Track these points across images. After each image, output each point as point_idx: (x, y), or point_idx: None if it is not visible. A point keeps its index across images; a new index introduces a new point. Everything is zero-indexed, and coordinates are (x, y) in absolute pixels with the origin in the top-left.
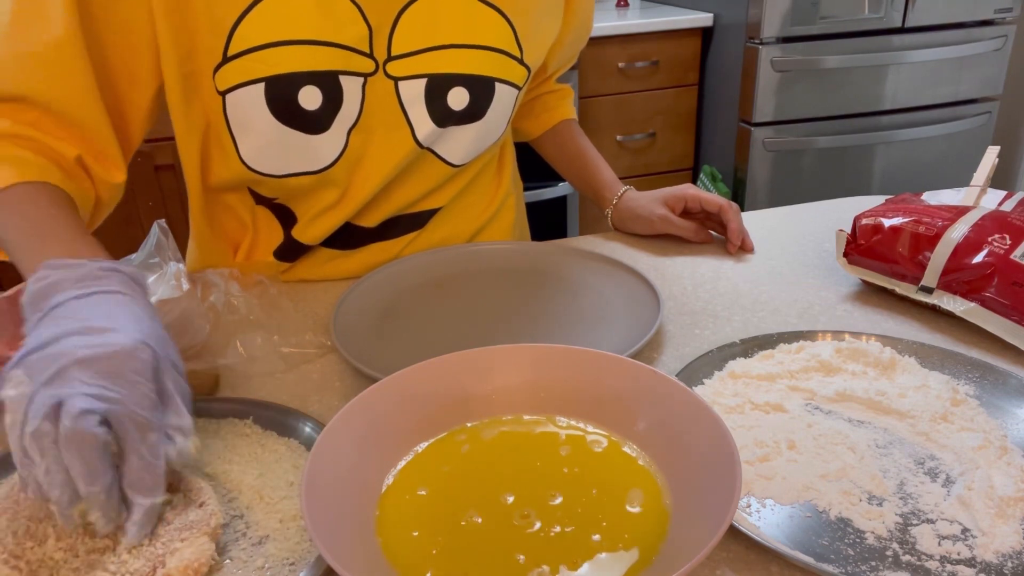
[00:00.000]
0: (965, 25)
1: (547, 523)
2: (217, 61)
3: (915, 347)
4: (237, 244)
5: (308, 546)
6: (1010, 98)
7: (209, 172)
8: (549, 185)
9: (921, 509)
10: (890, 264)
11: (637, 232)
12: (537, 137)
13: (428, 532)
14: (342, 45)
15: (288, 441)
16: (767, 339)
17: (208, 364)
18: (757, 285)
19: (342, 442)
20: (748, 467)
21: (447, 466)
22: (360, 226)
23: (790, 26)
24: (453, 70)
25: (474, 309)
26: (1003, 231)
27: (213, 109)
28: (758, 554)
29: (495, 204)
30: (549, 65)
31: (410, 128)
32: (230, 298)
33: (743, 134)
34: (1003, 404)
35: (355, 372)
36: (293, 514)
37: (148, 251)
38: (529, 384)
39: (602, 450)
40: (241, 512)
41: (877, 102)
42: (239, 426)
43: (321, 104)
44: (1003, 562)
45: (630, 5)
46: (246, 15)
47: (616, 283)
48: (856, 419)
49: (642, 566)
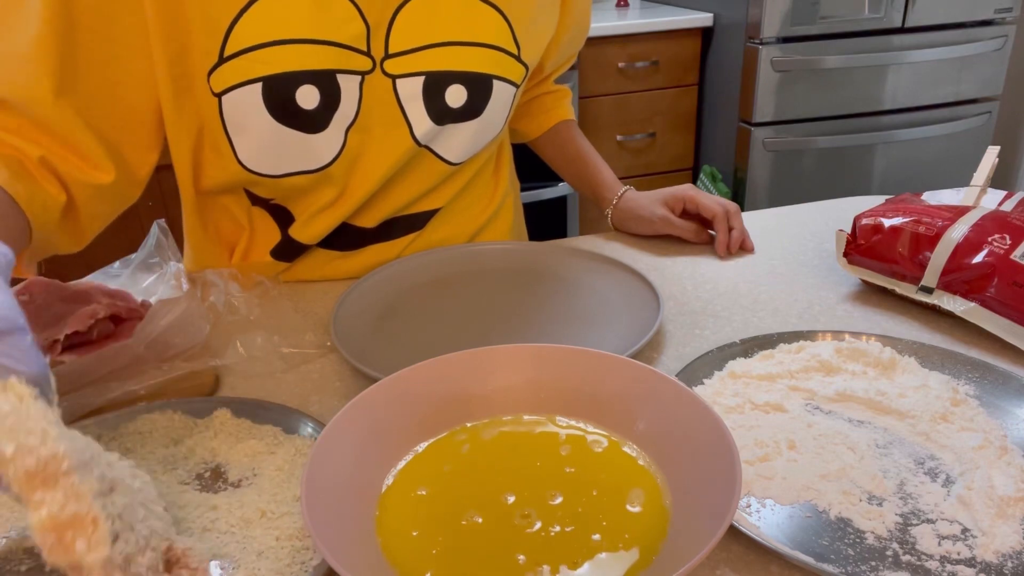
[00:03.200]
0: (965, 25)
1: (547, 523)
2: (212, 62)
3: (915, 347)
4: (233, 245)
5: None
6: (1010, 98)
7: (202, 176)
8: (549, 185)
9: (921, 509)
10: (890, 264)
11: (637, 232)
12: (536, 138)
13: (428, 532)
14: (339, 44)
15: (288, 441)
16: (767, 339)
17: (208, 364)
18: (757, 285)
19: (342, 442)
20: (748, 467)
21: (447, 466)
22: (359, 227)
23: (790, 26)
24: (451, 67)
25: (474, 309)
26: (1003, 231)
27: (208, 111)
28: (758, 554)
29: (493, 205)
30: (546, 65)
31: (408, 126)
32: (230, 298)
33: (743, 134)
34: (1003, 404)
35: (355, 372)
36: (290, 533)
37: (148, 251)
38: (529, 384)
39: (602, 450)
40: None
41: (877, 102)
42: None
43: (319, 103)
44: (1003, 562)
45: (630, 5)
46: (242, 15)
47: (616, 283)
48: (856, 419)
49: (642, 566)
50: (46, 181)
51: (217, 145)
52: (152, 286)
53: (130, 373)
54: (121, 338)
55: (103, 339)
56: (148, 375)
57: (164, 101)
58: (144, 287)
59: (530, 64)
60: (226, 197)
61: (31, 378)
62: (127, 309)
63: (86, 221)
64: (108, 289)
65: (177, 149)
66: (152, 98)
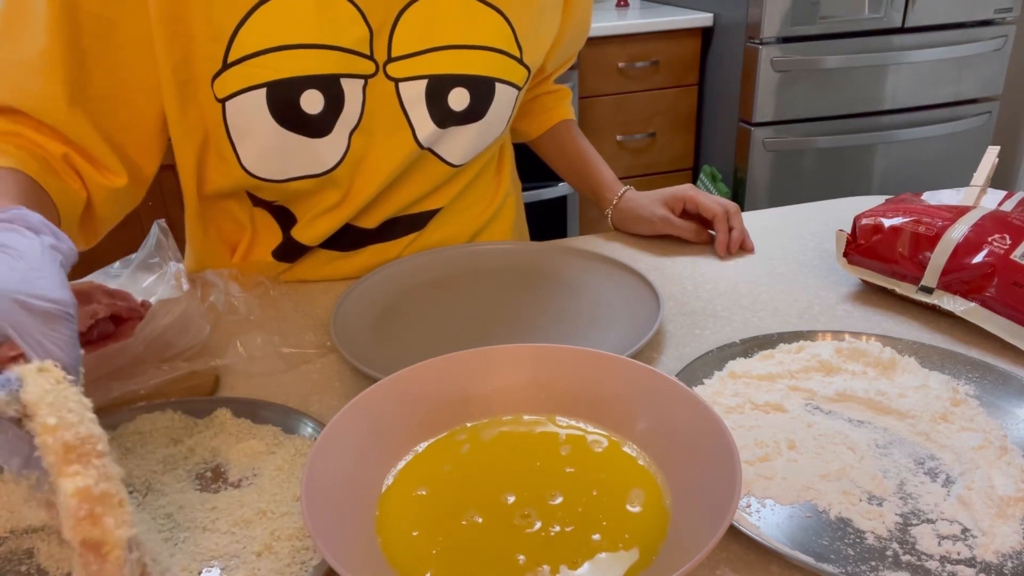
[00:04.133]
0: (965, 25)
1: (547, 523)
2: (216, 68)
3: (915, 347)
4: (234, 246)
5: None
6: (1010, 98)
7: (205, 181)
8: (549, 185)
9: (921, 509)
10: (890, 264)
11: (637, 232)
12: (536, 138)
13: (428, 532)
14: (343, 48)
15: (288, 441)
16: (767, 339)
17: (208, 364)
18: (757, 285)
19: (342, 442)
20: (748, 467)
21: (447, 466)
22: (360, 227)
23: (790, 26)
24: (453, 71)
25: (474, 309)
26: (1003, 231)
27: (211, 117)
28: (758, 554)
29: (494, 205)
30: (547, 65)
31: (411, 129)
32: (230, 298)
33: (743, 134)
34: (1003, 404)
35: (355, 372)
36: (289, 533)
37: (148, 251)
38: (529, 384)
39: (602, 450)
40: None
41: (877, 102)
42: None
43: (323, 107)
44: (1003, 562)
45: (630, 5)
46: (246, 21)
47: (616, 283)
48: (856, 419)
49: (642, 566)
50: (69, 178)
51: (221, 150)
52: (152, 286)
53: (130, 373)
54: (121, 338)
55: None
56: (148, 375)
57: (168, 107)
58: (144, 287)
59: (532, 66)
60: (228, 199)
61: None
62: (127, 309)
63: (100, 221)
64: (108, 289)
65: (181, 154)
66: (156, 103)
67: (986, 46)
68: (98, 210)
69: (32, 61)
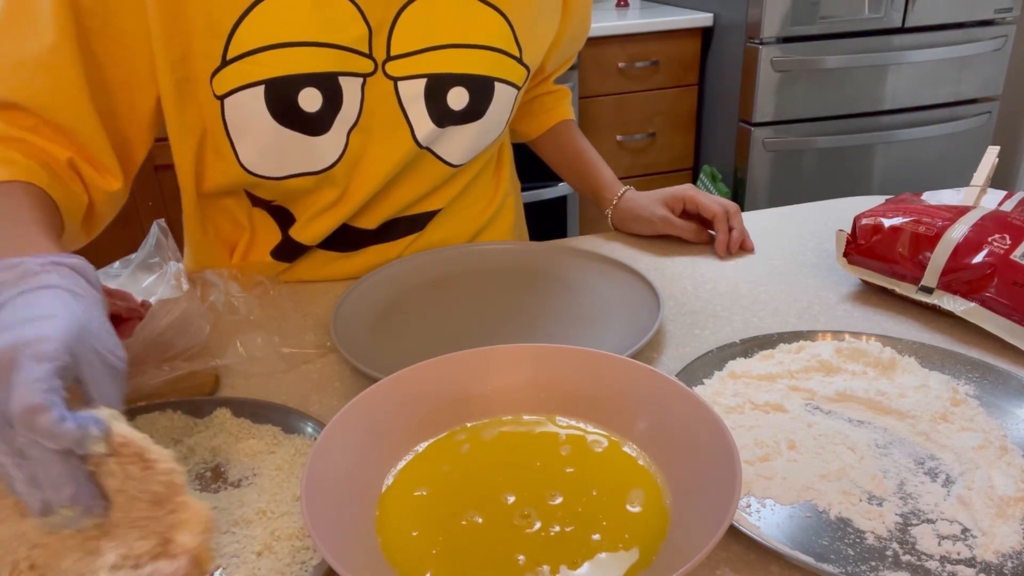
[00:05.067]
0: (965, 25)
1: (547, 523)
2: (215, 65)
3: (915, 347)
4: (233, 245)
5: (298, 569)
6: (1010, 98)
7: (204, 178)
8: (549, 185)
9: (921, 509)
10: (890, 264)
11: (637, 232)
12: (536, 138)
13: (428, 532)
14: (341, 46)
15: (288, 441)
16: (767, 339)
17: (208, 364)
18: (757, 285)
19: (342, 442)
20: (748, 467)
21: (447, 466)
22: (359, 228)
23: (790, 26)
24: (452, 70)
25: (474, 309)
26: (1003, 231)
27: (210, 114)
28: (758, 554)
29: (494, 205)
30: (547, 65)
31: (409, 128)
32: (230, 298)
33: (743, 134)
34: (1003, 404)
35: (355, 372)
36: (289, 533)
37: (148, 251)
38: (529, 384)
39: (602, 450)
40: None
41: (877, 102)
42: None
43: (321, 105)
44: (1003, 562)
45: (630, 5)
46: (244, 18)
47: (616, 283)
48: (856, 419)
49: (642, 566)
50: (72, 182)
51: (219, 148)
52: (152, 286)
53: (130, 373)
54: (121, 338)
55: None
56: (148, 375)
57: (167, 104)
58: (144, 287)
59: (532, 66)
60: (227, 198)
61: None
62: (127, 309)
63: (98, 220)
64: (108, 289)
65: (179, 152)
66: (151, 98)
67: (986, 46)
68: (98, 211)
69: (41, 57)
